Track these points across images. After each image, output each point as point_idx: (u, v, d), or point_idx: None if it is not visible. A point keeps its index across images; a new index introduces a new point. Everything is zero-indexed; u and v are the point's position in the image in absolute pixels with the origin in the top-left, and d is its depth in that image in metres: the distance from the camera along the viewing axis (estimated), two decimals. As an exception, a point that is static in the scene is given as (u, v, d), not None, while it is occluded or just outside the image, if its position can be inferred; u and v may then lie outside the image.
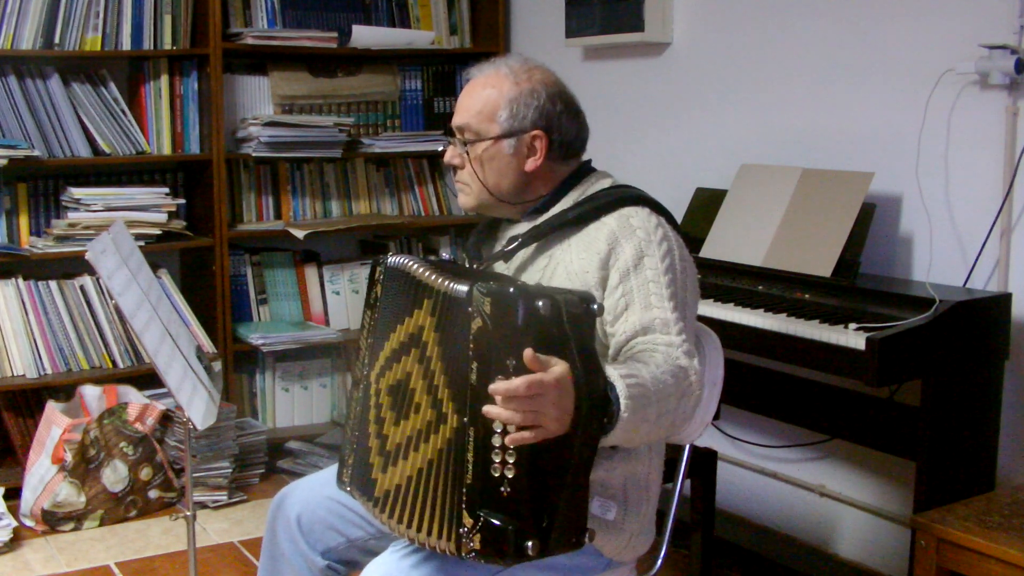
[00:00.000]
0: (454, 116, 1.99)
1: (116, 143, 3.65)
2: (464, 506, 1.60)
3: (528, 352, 1.50)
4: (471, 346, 1.58)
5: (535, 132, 1.92)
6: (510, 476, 1.55)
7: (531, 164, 1.93)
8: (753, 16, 3.26)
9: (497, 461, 1.56)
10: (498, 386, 1.51)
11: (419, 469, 1.73)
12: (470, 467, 1.59)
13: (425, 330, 1.74)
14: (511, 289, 1.56)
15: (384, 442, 1.81)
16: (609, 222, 1.87)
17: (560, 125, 1.94)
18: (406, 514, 1.74)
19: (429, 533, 1.69)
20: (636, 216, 1.87)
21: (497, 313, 1.56)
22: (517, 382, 1.49)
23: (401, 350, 1.79)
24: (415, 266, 1.81)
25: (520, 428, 1.52)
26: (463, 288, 1.64)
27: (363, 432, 1.88)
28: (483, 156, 1.94)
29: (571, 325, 1.57)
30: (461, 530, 1.61)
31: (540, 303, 1.54)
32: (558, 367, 1.52)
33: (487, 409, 1.52)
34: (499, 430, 1.55)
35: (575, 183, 1.98)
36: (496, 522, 1.57)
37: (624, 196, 1.91)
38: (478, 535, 1.58)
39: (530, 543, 1.56)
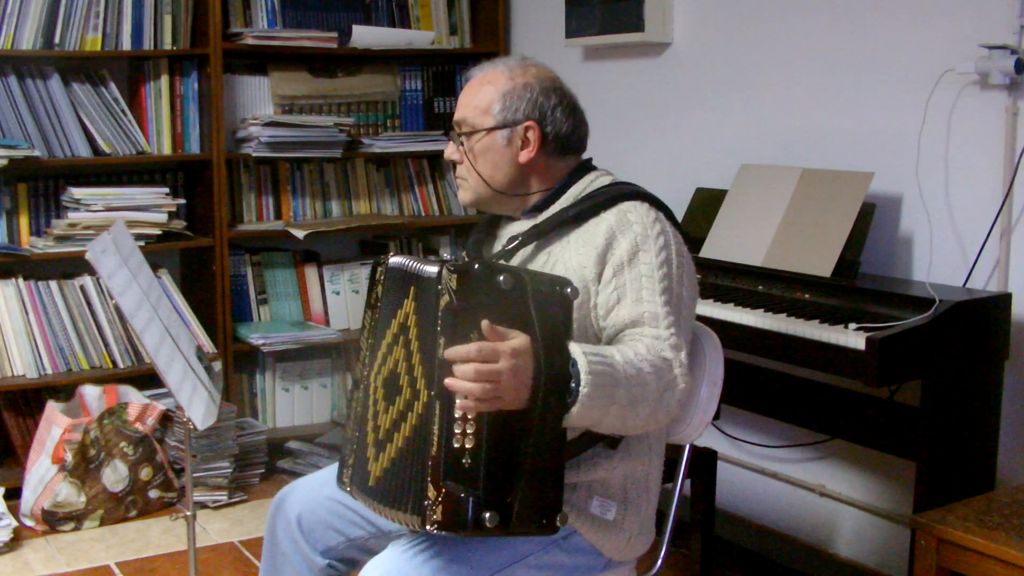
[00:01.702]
0: (455, 113, 2.02)
1: (116, 143, 3.65)
2: (429, 478, 1.63)
3: (485, 323, 1.56)
4: (439, 322, 1.63)
5: (527, 123, 1.94)
6: (470, 447, 1.59)
7: (525, 156, 1.95)
8: (753, 16, 3.26)
9: (458, 432, 1.59)
10: (451, 350, 1.56)
11: (399, 449, 1.76)
12: (435, 439, 1.62)
13: (409, 316, 1.78)
14: (476, 266, 1.62)
15: (377, 433, 1.83)
16: (607, 217, 1.88)
17: (554, 118, 1.96)
18: (390, 495, 1.77)
19: (404, 510, 1.72)
20: (634, 211, 1.88)
21: (462, 288, 1.60)
22: (470, 345, 1.55)
23: (393, 342, 1.82)
24: (411, 263, 1.82)
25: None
26: (434, 269, 1.69)
27: (362, 431, 1.89)
28: (478, 148, 1.97)
29: (535, 301, 1.62)
30: (425, 503, 1.63)
31: (501, 278, 1.60)
32: (517, 339, 1.58)
33: (448, 381, 1.56)
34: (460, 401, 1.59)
35: (574, 180, 1.98)
36: (457, 492, 1.60)
37: (623, 192, 1.92)
38: (440, 506, 1.61)
39: (488, 514, 1.59)
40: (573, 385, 1.62)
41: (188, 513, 2.44)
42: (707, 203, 3.17)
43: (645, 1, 3.48)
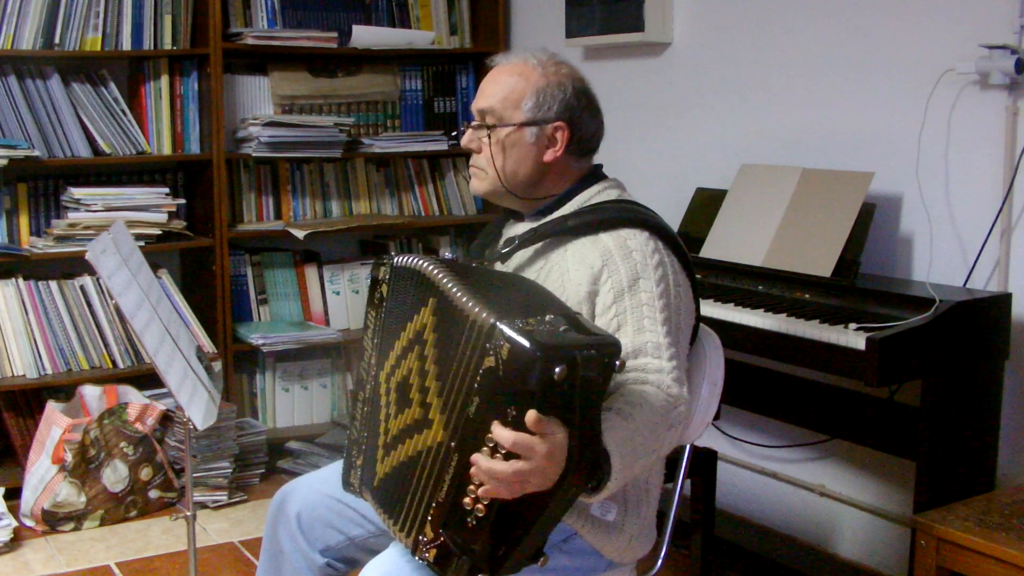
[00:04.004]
0: (476, 100, 1.98)
1: (116, 143, 3.65)
2: (430, 518, 1.63)
3: (532, 415, 1.47)
4: (477, 380, 1.55)
5: (558, 123, 1.93)
6: (480, 514, 1.55)
7: (550, 155, 1.94)
8: (753, 16, 3.26)
9: (470, 497, 1.55)
10: (480, 459, 1.50)
11: (401, 461, 1.75)
12: (445, 487, 1.60)
13: (427, 329, 1.74)
14: (528, 344, 1.48)
15: (386, 436, 1.82)
16: (606, 240, 1.86)
17: (582, 121, 1.95)
18: (387, 501, 1.78)
19: (395, 523, 1.73)
20: (634, 239, 1.85)
21: (511, 363, 1.49)
22: (507, 435, 1.48)
23: (408, 347, 1.79)
24: (427, 265, 1.78)
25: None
26: (488, 319, 1.56)
27: (373, 432, 1.88)
28: (505, 142, 1.94)
29: (582, 389, 1.51)
30: (421, 537, 1.64)
31: (557, 370, 1.46)
32: (553, 438, 1.49)
33: (477, 463, 1.51)
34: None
35: (582, 188, 1.98)
36: (453, 547, 1.59)
37: (625, 217, 1.89)
38: (434, 550, 1.61)
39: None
40: (602, 476, 1.59)
41: (188, 513, 2.44)
42: (707, 203, 3.17)
43: (645, 1, 3.48)
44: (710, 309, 2.75)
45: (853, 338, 2.42)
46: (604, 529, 1.85)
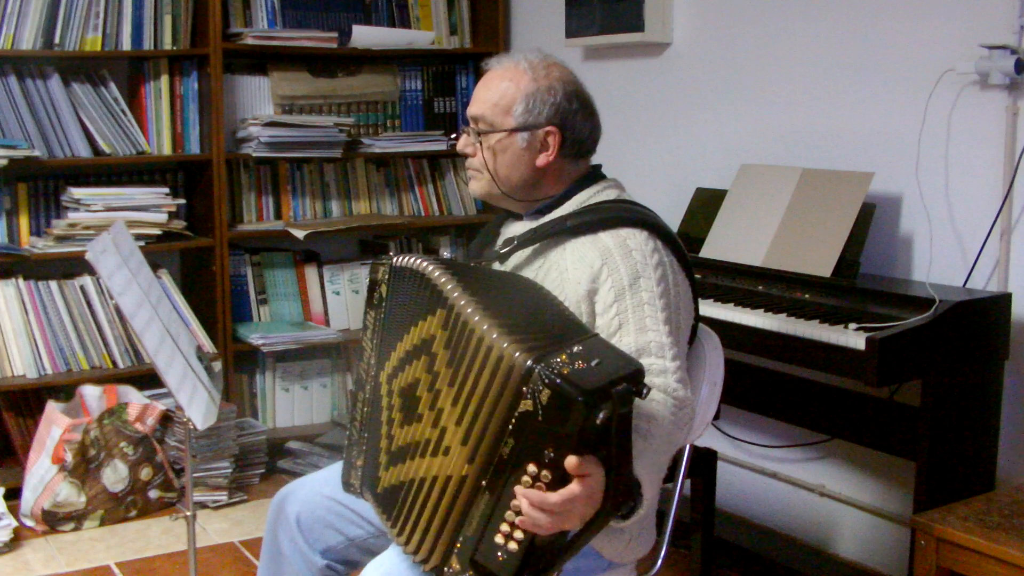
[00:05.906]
0: (470, 105, 1.99)
1: (116, 143, 3.65)
2: (457, 550, 1.62)
3: (572, 461, 1.46)
4: (512, 422, 1.54)
5: (549, 128, 1.92)
6: (512, 550, 1.55)
7: (543, 159, 1.94)
8: (753, 16, 3.26)
9: (504, 532, 1.55)
10: (531, 495, 1.49)
11: (410, 478, 1.73)
12: (475, 522, 1.59)
13: (436, 340, 1.72)
14: (571, 391, 1.46)
15: (391, 442, 1.81)
16: (605, 239, 1.85)
17: (574, 123, 1.95)
18: (394, 511, 1.76)
19: (408, 542, 1.71)
20: (633, 238, 1.85)
21: (552, 409, 1.48)
22: (552, 499, 1.48)
23: (413, 353, 1.78)
24: (428, 267, 1.77)
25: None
26: (522, 359, 1.52)
27: (374, 433, 1.87)
28: (496, 147, 1.95)
29: (617, 425, 1.49)
30: (447, 568, 1.63)
31: (601, 415, 1.46)
32: (592, 479, 1.49)
33: (521, 507, 1.50)
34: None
35: (581, 188, 1.97)
36: None
37: (624, 217, 1.89)
38: None
39: None
40: (634, 504, 1.60)
41: (188, 513, 2.44)
42: (707, 203, 3.17)
43: (645, 1, 3.48)
44: (710, 309, 2.75)
45: (853, 338, 2.42)
46: (603, 529, 1.85)
